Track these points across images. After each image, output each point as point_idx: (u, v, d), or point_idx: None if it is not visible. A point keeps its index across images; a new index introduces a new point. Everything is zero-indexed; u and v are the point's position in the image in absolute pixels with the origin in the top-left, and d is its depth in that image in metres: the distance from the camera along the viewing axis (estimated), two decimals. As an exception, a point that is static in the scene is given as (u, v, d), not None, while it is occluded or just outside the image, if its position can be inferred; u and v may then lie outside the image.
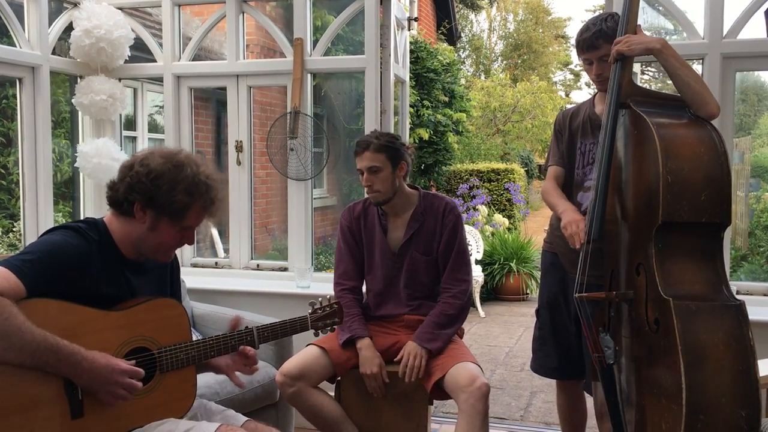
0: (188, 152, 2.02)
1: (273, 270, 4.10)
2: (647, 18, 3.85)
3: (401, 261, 2.88)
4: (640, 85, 2.46)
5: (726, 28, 3.33)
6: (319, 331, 2.32)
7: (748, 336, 1.96)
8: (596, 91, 2.77)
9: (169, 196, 1.90)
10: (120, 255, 1.98)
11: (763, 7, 3.32)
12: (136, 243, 1.97)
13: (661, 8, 3.54)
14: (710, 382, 1.90)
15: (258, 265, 4.14)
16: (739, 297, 2.10)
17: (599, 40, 2.50)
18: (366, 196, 2.91)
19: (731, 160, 2.21)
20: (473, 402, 2.51)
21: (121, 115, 4.27)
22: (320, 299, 2.34)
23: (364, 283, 3.00)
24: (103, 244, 1.94)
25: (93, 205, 4.23)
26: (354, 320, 2.82)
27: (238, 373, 2.22)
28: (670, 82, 2.38)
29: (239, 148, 4.09)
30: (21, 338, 1.68)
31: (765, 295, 3.39)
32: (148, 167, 1.91)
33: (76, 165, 4.05)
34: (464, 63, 25.32)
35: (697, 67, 3.40)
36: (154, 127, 6.58)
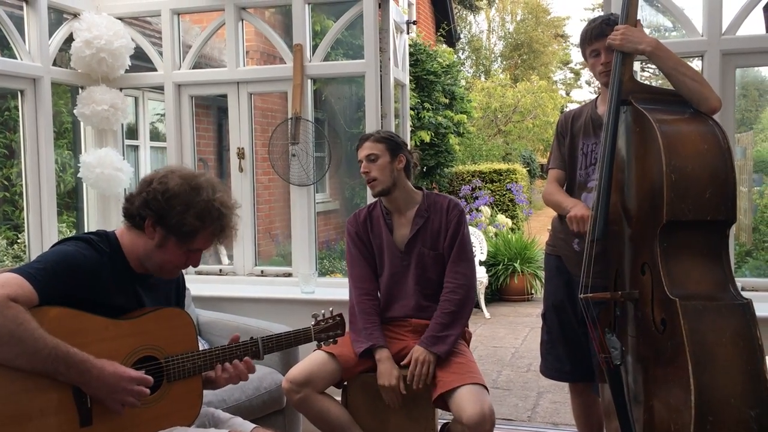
0: (210, 177, 2.02)
1: (277, 276, 4.10)
2: (645, 16, 3.86)
3: (408, 258, 2.88)
4: (641, 81, 2.46)
5: (725, 25, 3.32)
6: (322, 343, 2.32)
7: (756, 335, 1.95)
8: (599, 90, 2.77)
9: (180, 218, 1.91)
10: (129, 268, 2.00)
11: (761, 2, 3.31)
12: (143, 258, 1.99)
13: (659, 5, 3.53)
14: (719, 382, 1.90)
15: (262, 271, 4.15)
16: (745, 294, 2.09)
17: (608, 28, 2.51)
18: (369, 199, 2.92)
19: (734, 156, 2.21)
20: None
21: (122, 124, 4.28)
22: (323, 311, 2.35)
23: None
24: (113, 256, 1.96)
25: (97, 215, 4.23)
26: (375, 329, 2.82)
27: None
28: (670, 79, 2.38)
29: (241, 154, 4.09)
30: (34, 344, 1.70)
31: (771, 291, 3.38)
32: (165, 185, 1.93)
33: (79, 175, 4.06)
34: (464, 64, 25.33)
35: (697, 64, 3.40)
36: (156, 136, 6.59)
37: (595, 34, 2.57)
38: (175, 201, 1.91)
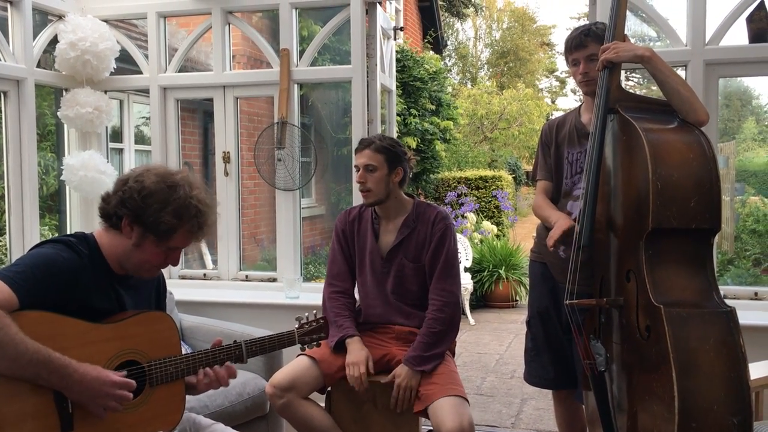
0: (187, 174, 2.01)
1: (262, 281, 4.08)
2: (630, 25, 3.88)
3: (389, 266, 2.87)
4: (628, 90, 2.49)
5: (708, 35, 3.36)
6: (306, 346, 2.31)
7: (739, 342, 1.96)
8: (582, 99, 2.79)
9: (157, 216, 1.89)
10: (109, 269, 1.98)
11: (745, 13, 3.35)
12: (122, 258, 1.97)
13: (644, 15, 3.57)
14: (702, 389, 1.90)
15: (247, 276, 4.12)
16: (728, 302, 2.10)
17: (588, 39, 2.56)
18: (358, 201, 2.90)
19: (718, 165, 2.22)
20: None
21: (107, 127, 4.25)
22: (306, 314, 2.34)
23: (356, 286, 2.99)
24: (92, 257, 1.94)
25: (79, 218, 4.19)
26: (345, 320, 2.81)
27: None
28: (655, 88, 2.40)
29: (227, 158, 4.08)
30: (15, 349, 1.68)
31: (751, 299, 3.41)
32: (141, 184, 1.91)
33: (62, 178, 4.02)
34: (451, 71, 25.42)
35: (681, 74, 3.43)
36: (140, 139, 6.54)
37: (575, 44, 2.60)
38: (151, 199, 1.90)
